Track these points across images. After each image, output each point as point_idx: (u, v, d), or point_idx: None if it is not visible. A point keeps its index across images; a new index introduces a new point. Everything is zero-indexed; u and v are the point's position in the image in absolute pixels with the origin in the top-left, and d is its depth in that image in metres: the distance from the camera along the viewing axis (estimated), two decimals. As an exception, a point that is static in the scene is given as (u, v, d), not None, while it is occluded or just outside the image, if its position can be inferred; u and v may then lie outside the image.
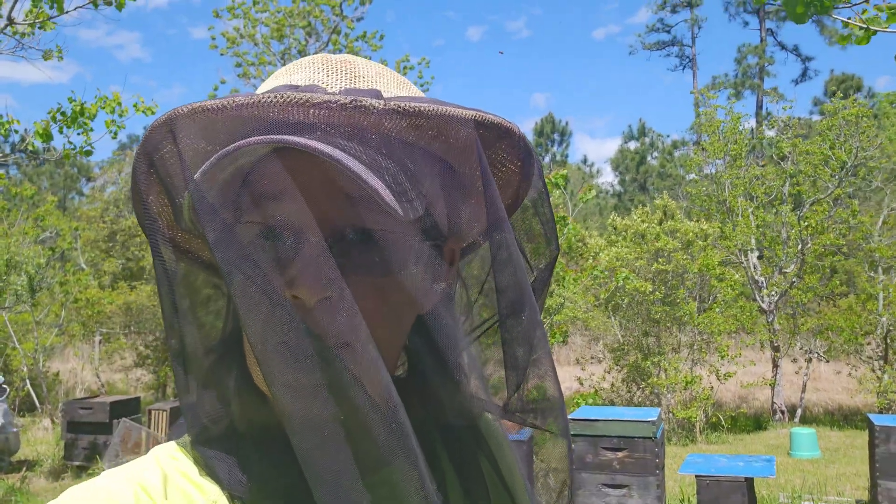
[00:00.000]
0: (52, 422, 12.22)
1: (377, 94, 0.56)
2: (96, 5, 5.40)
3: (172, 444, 0.66)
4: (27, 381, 13.48)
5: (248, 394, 0.62)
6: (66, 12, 4.93)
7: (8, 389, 9.41)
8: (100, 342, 15.89)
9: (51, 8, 4.90)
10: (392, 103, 0.55)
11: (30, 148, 5.55)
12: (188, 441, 0.64)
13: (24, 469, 9.20)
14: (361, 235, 0.59)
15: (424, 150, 0.60)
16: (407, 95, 0.63)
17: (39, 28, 5.18)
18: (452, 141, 0.60)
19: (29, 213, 14.76)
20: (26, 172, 30.96)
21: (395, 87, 0.67)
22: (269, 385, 0.53)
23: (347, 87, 0.65)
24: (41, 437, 11.35)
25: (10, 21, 5.02)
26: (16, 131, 5.55)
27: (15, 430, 9.61)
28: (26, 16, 5.11)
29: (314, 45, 16.28)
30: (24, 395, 13.71)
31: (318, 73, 0.65)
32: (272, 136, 0.54)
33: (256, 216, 0.57)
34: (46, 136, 5.65)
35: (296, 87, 0.56)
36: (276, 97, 0.54)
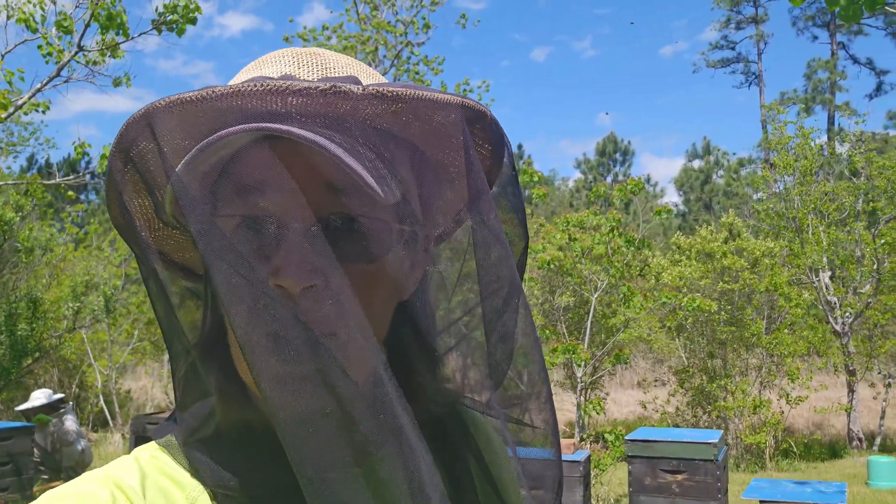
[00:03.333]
0: (123, 437, 12.60)
1: (356, 81, 0.56)
2: (160, 31, 5.61)
3: (154, 444, 0.65)
4: (100, 398, 13.95)
5: (231, 392, 0.61)
6: (132, 38, 5.18)
7: (72, 403, 9.74)
8: (169, 360, 16.34)
9: (116, 35, 5.14)
10: (371, 88, 0.55)
11: (98, 171, 5.83)
12: (172, 441, 0.63)
13: (96, 482, 9.51)
14: (344, 223, 0.58)
15: (401, 135, 0.59)
16: (384, 82, 0.62)
17: (110, 56, 5.49)
18: (433, 125, 0.59)
19: (105, 237, 15.40)
20: (104, 198, 32.33)
21: (365, 76, 0.66)
22: (254, 377, 0.52)
23: (321, 77, 0.64)
24: (112, 452, 11.71)
25: (80, 48, 5.30)
26: (87, 154, 5.85)
27: (88, 444, 9.96)
28: (97, 44, 5.40)
29: (377, 69, 16.53)
30: (98, 412, 14.18)
31: (289, 65, 0.64)
32: (255, 125, 0.53)
33: (239, 206, 0.56)
34: (110, 160, 5.88)
35: (269, 79, 0.54)
36: (255, 86, 0.53)
